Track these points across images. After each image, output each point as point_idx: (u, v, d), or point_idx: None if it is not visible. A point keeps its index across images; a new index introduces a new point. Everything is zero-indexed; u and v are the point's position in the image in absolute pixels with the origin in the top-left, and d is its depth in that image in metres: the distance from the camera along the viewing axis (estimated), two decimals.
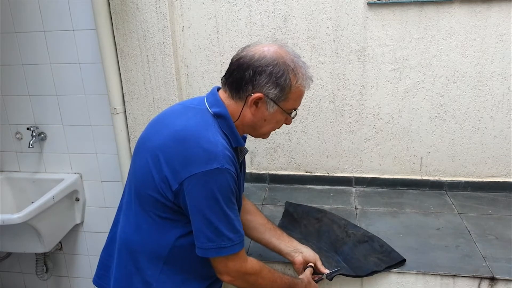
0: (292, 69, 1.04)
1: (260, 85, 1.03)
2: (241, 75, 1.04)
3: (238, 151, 1.12)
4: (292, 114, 1.12)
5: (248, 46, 1.08)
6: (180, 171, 0.98)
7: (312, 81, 1.10)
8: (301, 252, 1.27)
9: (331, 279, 1.25)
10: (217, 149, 0.98)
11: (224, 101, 1.08)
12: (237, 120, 1.08)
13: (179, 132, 1.01)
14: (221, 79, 1.10)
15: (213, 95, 1.09)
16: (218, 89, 1.12)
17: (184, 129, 1.01)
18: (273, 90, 1.03)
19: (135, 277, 1.08)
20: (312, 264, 1.25)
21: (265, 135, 1.15)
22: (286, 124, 1.14)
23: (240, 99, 1.06)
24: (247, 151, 1.17)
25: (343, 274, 1.27)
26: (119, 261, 1.12)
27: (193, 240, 1.04)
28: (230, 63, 1.08)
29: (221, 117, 1.06)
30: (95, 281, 1.21)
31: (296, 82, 1.05)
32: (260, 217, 1.30)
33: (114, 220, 1.19)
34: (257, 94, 1.03)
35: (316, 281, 1.24)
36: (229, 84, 1.07)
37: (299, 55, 1.08)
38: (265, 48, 1.04)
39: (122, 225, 1.13)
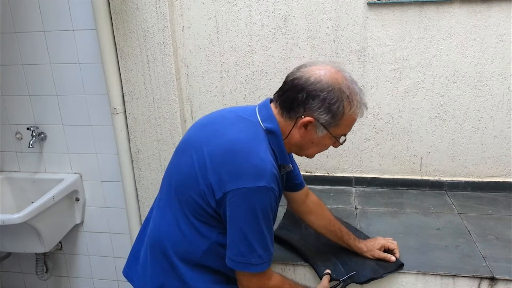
0: (347, 96, 1.01)
1: (312, 109, 1.01)
2: (294, 96, 1.02)
3: (281, 167, 1.11)
4: (341, 140, 1.09)
5: (305, 65, 1.05)
6: (226, 181, 0.97)
7: (367, 108, 1.07)
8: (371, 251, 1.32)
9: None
10: (266, 167, 0.98)
11: (275, 117, 1.06)
12: (285, 138, 1.07)
13: (230, 143, 1.00)
14: (274, 95, 1.09)
15: (266, 109, 1.08)
16: (271, 100, 1.10)
17: (236, 141, 1.00)
18: (324, 115, 1.01)
19: (171, 273, 1.09)
20: (329, 271, 1.25)
21: (310, 156, 1.14)
22: (333, 147, 1.12)
23: (290, 119, 1.05)
24: (291, 169, 1.14)
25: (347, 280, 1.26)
26: (153, 257, 1.12)
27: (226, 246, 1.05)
28: (284, 81, 1.06)
29: (272, 134, 1.04)
30: (125, 272, 1.23)
31: (350, 109, 1.02)
32: (321, 219, 1.32)
33: (149, 210, 1.21)
34: (308, 118, 1.02)
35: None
36: (281, 102, 1.05)
37: (355, 80, 1.05)
38: (322, 72, 1.01)
39: (158, 220, 1.13)
